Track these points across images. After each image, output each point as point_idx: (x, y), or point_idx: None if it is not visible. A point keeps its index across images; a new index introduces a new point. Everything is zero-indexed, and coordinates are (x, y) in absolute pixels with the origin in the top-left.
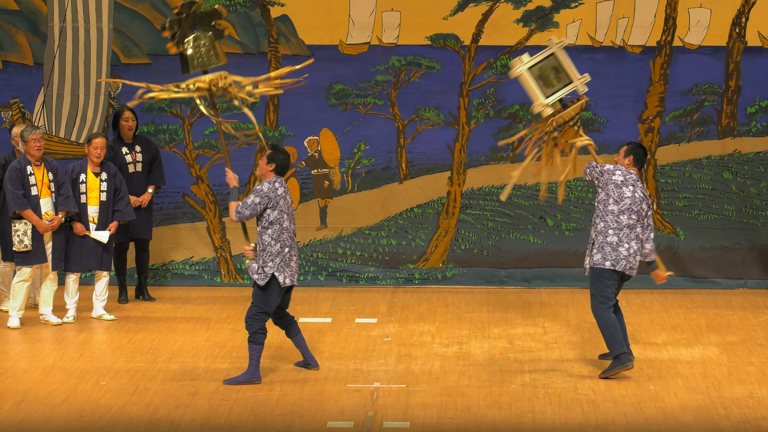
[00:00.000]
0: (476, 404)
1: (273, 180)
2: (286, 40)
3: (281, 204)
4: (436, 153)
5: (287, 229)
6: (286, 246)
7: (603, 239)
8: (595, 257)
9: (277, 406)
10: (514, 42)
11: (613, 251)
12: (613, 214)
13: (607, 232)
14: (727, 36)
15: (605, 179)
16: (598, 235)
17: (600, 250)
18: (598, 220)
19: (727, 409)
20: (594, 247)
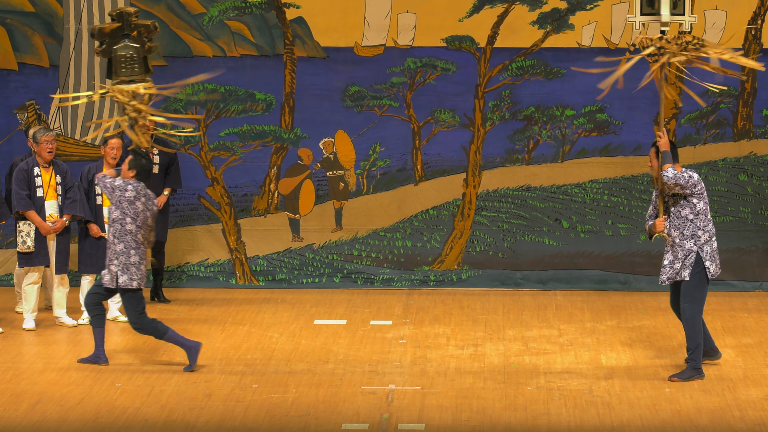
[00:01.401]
0: (491, 406)
1: (128, 181)
2: (301, 42)
3: (125, 206)
4: (452, 155)
5: (130, 231)
6: (131, 248)
7: (710, 248)
8: (711, 269)
9: (293, 408)
10: (530, 44)
11: (717, 255)
12: (711, 222)
13: (712, 241)
14: (743, 38)
15: (701, 188)
16: (704, 245)
17: (712, 260)
18: (701, 232)
19: (743, 412)
20: (705, 259)
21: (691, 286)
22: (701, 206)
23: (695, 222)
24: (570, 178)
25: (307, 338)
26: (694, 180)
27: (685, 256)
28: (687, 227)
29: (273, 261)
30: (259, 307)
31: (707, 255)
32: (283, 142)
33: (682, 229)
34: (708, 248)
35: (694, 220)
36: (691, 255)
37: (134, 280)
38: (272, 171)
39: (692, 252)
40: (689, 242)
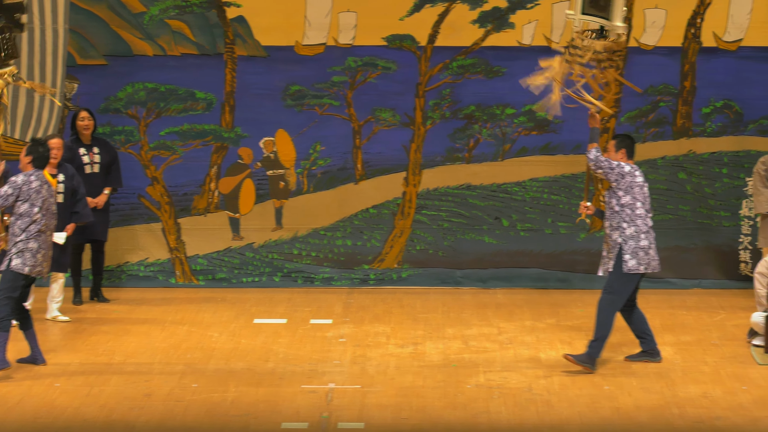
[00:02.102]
0: (431, 405)
1: (30, 173)
2: (242, 41)
3: (33, 197)
4: (392, 154)
5: (38, 222)
6: (31, 239)
7: (635, 244)
8: (630, 263)
9: (233, 408)
10: (470, 43)
11: (646, 255)
12: (641, 218)
13: (639, 237)
14: (683, 37)
15: (628, 182)
16: (628, 240)
17: (634, 255)
18: (626, 224)
19: (682, 409)
20: (625, 252)
21: (612, 278)
22: (626, 200)
23: (620, 214)
24: (510, 177)
25: (247, 337)
26: (622, 171)
27: (613, 247)
28: (613, 218)
29: (213, 260)
30: (199, 307)
31: (629, 249)
32: (223, 141)
33: (610, 220)
34: (633, 243)
35: (619, 212)
36: (616, 247)
37: (26, 266)
38: (212, 170)
39: (617, 244)
40: (615, 234)
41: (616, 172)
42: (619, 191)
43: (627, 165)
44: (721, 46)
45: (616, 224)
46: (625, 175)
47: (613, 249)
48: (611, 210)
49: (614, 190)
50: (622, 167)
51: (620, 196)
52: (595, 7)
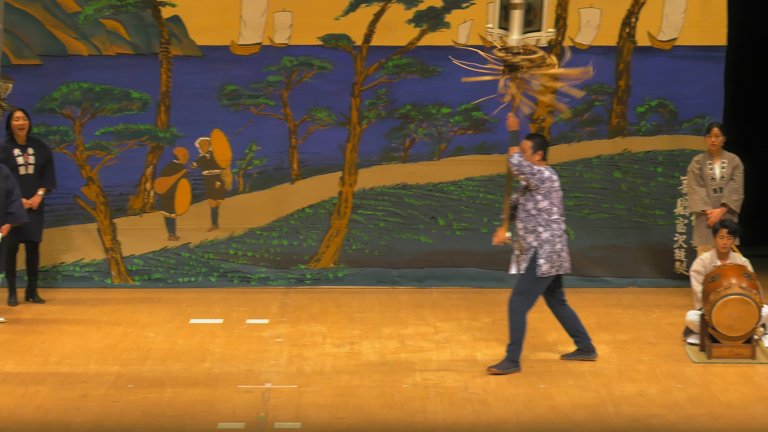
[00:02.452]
0: (368, 404)
1: None
2: (177, 41)
3: None
4: (328, 153)
5: None
6: None
7: (551, 248)
8: (543, 267)
9: (169, 408)
10: (406, 42)
11: (558, 258)
12: (557, 223)
13: (554, 241)
14: (618, 36)
15: (548, 187)
16: (543, 244)
17: (548, 259)
18: (542, 228)
19: (618, 407)
20: (540, 256)
21: (524, 280)
22: (544, 205)
23: (536, 218)
24: (446, 176)
25: (184, 337)
26: (543, 176)
27: (527, 249)
28: (529, 221)
29: (149, 260)
30: (135, 307)
31: (544, 254)
32: (159, 141)
33: (525, 222)
34: (548, 248)
35: (536, 216)
36: (531, 250)
37: None
38: (148, 170)
39: (532, 247)
40: (530, 237)
41: (537, 177)
42: (538, 195)
43: (546, 170)
44: (656, 45)
45: (531, 227)
46: (545, 180)
47: (528, 252)
48: (527, 213)
49: (533, 194)
50: (542, 172)
51: (538, 200)
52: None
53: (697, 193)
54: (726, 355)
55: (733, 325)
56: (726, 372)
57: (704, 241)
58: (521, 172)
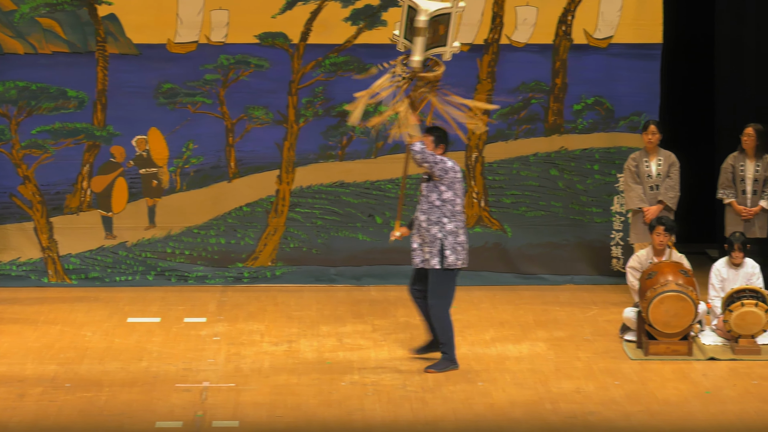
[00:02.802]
0: (306, 402)
1: None
2: (114, 39)
3: None
4: (265, 151)
5: None
6: None
7: (454, 240)
8: (449, 259)
9: (106, 408)
10: (343, 40)
11: (463, 249)
12: (460, 214)
13: (458, 233)
14: (554, 34)
15: (451, 178)
16: (448, 235)
17: (453, 251)
18: (446, 220)
19: (555, 404)
20: (446, 248)
21: (437, 281)
22: (448, 195)
23: (441, 209)
24: (383, 174)
25: (121, 336)
26: (446, 166)
27: (432, 242)
28: (432, 213)
29: (86, 259)
30: (72, 306)
31: (449, 245)
32: (95, 139)
33: (428, 214)
34: (452, 239)
35: (440, 207)
36: (437, 242)
37: None
38: (85, 169)
39: (437, 239)
40: (434, 228)
41: (440, 166)
42: (441, 186)
43: (449, 160)
44: (592, 43)
45: (435, 219)
46: (448, 170)
47: (433, 244)
48: (430, 204)
49: (436, 185)
50: (445, 162)
51: (442, 191)
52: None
53: (634, 190)
54: (663, 352)
55: (670, 322)
56: (663, 369)
57: (641, 238)
58: (425, 160)
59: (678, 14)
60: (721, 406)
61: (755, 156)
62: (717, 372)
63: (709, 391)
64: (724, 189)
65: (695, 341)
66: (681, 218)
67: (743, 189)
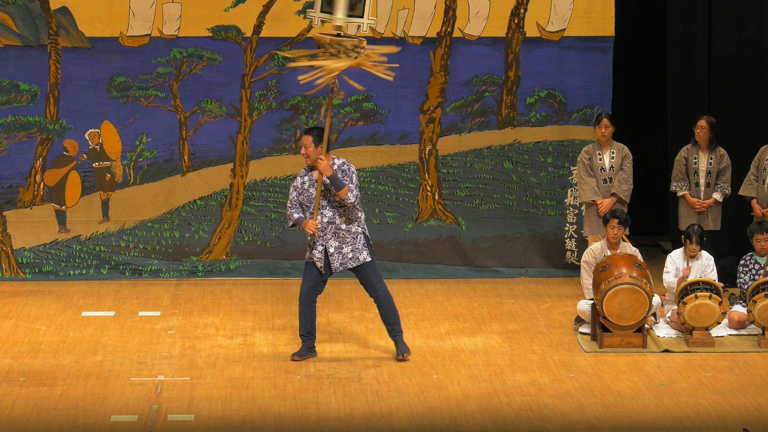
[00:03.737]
0: (261, 396)
1: None
2: (66, 33)
3: None
4: (219, 145)
5: None
6: None
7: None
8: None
9: (61, 401)
10: (296, 33)
11: None
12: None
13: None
14: (507, 27)
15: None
16: (363, 224)
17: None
18: (360, 213)
19: (510, 397)
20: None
21: (374, 266)
22: (357, 191)
23: (355, 205)
24: None
25: (75, 330)
26: (354, 170)
27: (355, 239)
28: (350, 213)
29: (39, 253)
30: (25, 300)
31: (366, 231)
32: (48, 133)
33: (347, 214)
34: (366, 227)
35: (354, 203)
36: (360, 236)
37: None
38: (38, 162)
39: (359, 233)
40: (354, 225)
41: (356, 178)
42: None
43: (344, 161)
44: (544, 36)
45: (354, 217)
46: (354, 172)
47: (357, 239)
48: (343, 207)
49: (350, 189)
50: (351, 168)
51: (352, 189)
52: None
53: (587, 183)
54: (617, 345)
55: (624, 315)
56: (617, 361)
57: (594, 231)
58: (357, 197)
59: (629, 6)
60: (675, 398)
61: (708, 148)
62: (671, 364)
63: (664, 383)
64: (677, 181)
65: (650, 333)
66: (634, 211)
67: (696, 181)
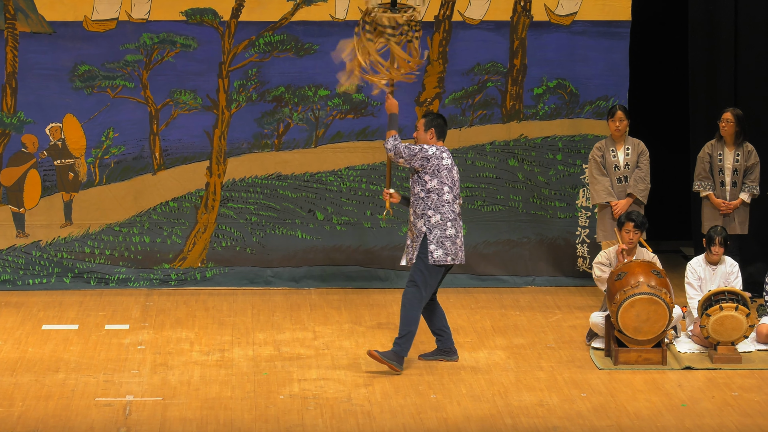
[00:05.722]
0: (240, 417)
1: None
2: (24, 16)
3: None
4: (194, 140)
5: None
6: None
7: (441, 233)
8: (435, 254)
9: (19, 423)
10: (279, 17)
11: (453, 245)
12: (448, 204)
13: (445, 225)
14: (512, 10)
15: (434, 165)
16: (433, 228)
17: (440, 245)
18: (431, 212)
19: (515, 419)
20: (431, 242)
21: (415, 269)
22: (433, 184)
23: (425, 201)
24: (324, 165)
25: (35, 345)
26: (427, 154)
27: (417, 236)
28: (418, 205)
29: None
30: None
31: (434, 239)
32: (5, 127)
33: (414, 207)
34: (438, 232)
35: (424, 198)
36: (421, 236)
37: None
38: None
39: (422, 233)
40: (420, 222)
41: (419, 156)
42: (425, 176)
43: (432, 147)
44: (554, 20)
45: (421, 212)
46: (430, 158)
47: (418, 238)
48: (416, 196)
49: (420, 176)
50: (425, 150)
51: (426, 180)
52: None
53: (600, 183)
54: (633, 361)
55: (641, 328)
56: (634, 379)
57: (609, 235)
58: (398, 156)
59: None
60: (697, 419)
61: (734, 144)
62: (693, 383)
63: (685, 403)
64: (700, 180)
65: (669, 349)
66: (652, 213)
67: (722, 180)
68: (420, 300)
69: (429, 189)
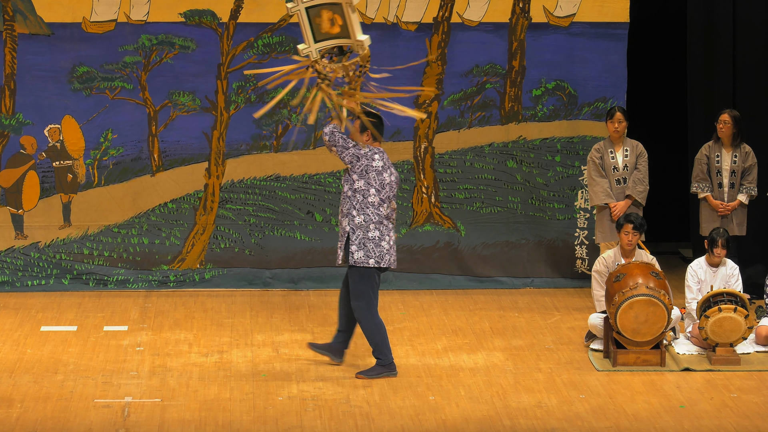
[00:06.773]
0: (239, 419)
1: None
2: (23, 18)
3: None
4: (192, 142)
5: None
6: None
7: (364, 235)
8: (356, 255)
9: (18, 425)
10: (277, 19)
11: (376, 247)
12: (373, 207)
13: (368, 227)
14: (510, 11)
15: (363, 165)
16: (356, 229)
17: (361, 247)
18: (355, 212)
19: (514, 420)
20: (353, 243)
21: (351, 280)
22: (360, 185)
23: (351, 200)
24: (323, 167)
25: (33, 347)
26: (358, 153)
27: (342, 235)
28: (345, 204)
29: None
30: None
31: (356, 239)
32: (3, 129)
33: (342, 205)
34: (360, 233)
35: (351, 197)
36: (345, 235)
37: None
38: None
39: (346, 232)
40: (345, 221)
41: (351, 152)
42: (354, 175)
43: (365, 148)
44: (552, 21)
45: (346, 210)
46: (360, 157)
47: (343, 238)
48: (344, 195)
49: (349, 174)
50: (358, 148)
51: (354, 180)
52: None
53: (599, 184)
54: (632, 362)
55: (640, 329)
56: (632, 381)
57: (607, 237)
58: (333, 143)
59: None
60: (696, 421)
61: (732, 145)
62: (692, 384)
63: (684, 405)
64: (698, 182)
65: (668, 350)
66: (651, 215)
67: (719, 182)
68: (368, 308)
69: (356, 189)
